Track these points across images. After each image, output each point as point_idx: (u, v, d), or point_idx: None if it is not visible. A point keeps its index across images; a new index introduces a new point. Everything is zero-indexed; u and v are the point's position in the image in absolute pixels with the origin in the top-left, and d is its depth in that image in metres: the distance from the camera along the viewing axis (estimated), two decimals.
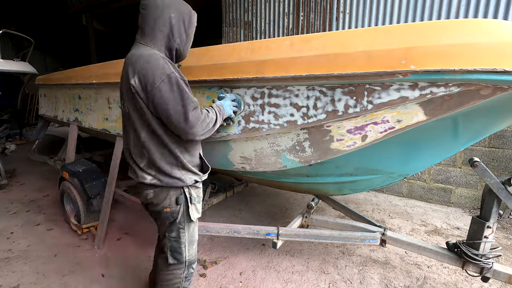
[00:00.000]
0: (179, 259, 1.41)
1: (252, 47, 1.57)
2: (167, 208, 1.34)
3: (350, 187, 1.98)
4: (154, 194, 1.34)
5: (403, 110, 1.30)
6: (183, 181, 1.33)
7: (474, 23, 1.18)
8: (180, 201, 1.34)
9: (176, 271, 1.44)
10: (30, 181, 4.17)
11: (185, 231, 1.40)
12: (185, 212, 1.37)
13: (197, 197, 1.42)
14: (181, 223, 1.37)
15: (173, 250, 1.40)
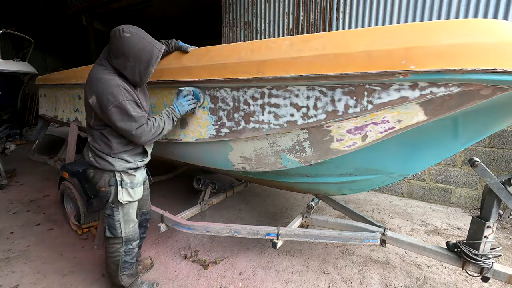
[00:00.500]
0: (115, 234, 1.67)
1: (252, 47, 1.57)
2: (102, 187, 1.62)
3: (350, 187, 1.98)
4: (93, 173, 1.65)
5: (403, 110, 1.30)
6: (114, 166, 1.59)
7: (474, 23, 1.18)
8: (112, 183, 1.60)
9: (114, 245, 1.69)
10: (30, 181, 4.17)
11: (119, 210, 1.64)
12: (115, 194, 1.60)
13: (130, 182, 1.64)
14: (113, 202, 1.63)
15: (109, 225, 1.67)
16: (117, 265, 1.72)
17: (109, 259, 1.73)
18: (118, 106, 1.46)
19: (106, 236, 1.69)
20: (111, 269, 1.76)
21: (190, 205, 2.51)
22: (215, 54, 1.70)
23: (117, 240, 1.69)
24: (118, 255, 1.71)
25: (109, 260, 1.74)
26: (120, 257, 1.71)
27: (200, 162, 2.24)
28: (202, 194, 2.59)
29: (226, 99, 1.74)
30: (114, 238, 1.68)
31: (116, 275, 1.75)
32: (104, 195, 1.63)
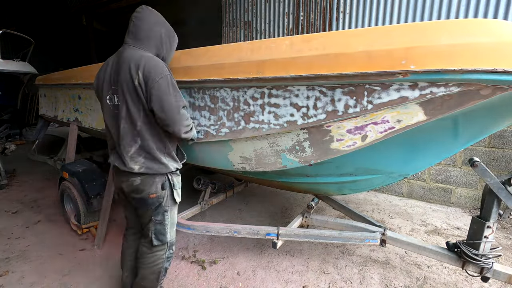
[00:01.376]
0: (163, 240, 1.56)
1: (252, 47, 1.57)
2: (152, 194, 1.47)
3: (350, 187, 1.99)
4: (141, 181, 1.46)
5: (403, 110, 1.30)
6: (167, 167, 1.50)
7: (474, 23, 1.18)
8: (165, 187, 1.51)
9: (159, 252, 1.57)
10: (30, 181, 4.17)
11: (169, 214, 1.57)
12: (169, 196, 1.54)
13: (178, 183, 1.60)
14: (166, 206, 1.54)
15: (157, 232, 1.53)
16: (159, 273, 1.59)
17: (149, 270, 1.57)
18: (166, 78, 1.38)
19: (153, 244, 1.54)
20: (148, 281, 1.59)
21: (190, 205, 2.51)
22: (214, 54, 1.70)
23: (163, 247, 1.57)
24: (161, 262, 1.58)
25: (148, 271, 1.57)
26: (163, 265, 1.59)
27: (200, 162, 2.24)
28: (202, 194, 2.59)
29: (226, 99, 1.74)
30: (161, 245, 1.56)
31: (154, 284, 1.61)
32: (154, 201, 1.49)
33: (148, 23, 1.48)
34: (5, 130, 5.64)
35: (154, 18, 1.50)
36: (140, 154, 1.44)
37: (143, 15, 1.48)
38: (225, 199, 2.86)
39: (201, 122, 1.91)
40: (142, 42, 1.46)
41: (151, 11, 1.51)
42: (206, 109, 1.85)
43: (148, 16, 1.49)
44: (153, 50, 1.49)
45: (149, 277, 1.58)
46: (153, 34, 1.48)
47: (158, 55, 1.51)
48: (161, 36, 1.51)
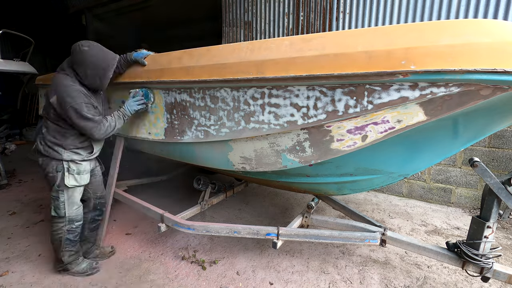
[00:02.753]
0: (59, 213, 1.92)
1: (252, 47, 1.57)
2: (49, 173, 1.89)
3: (350, 187, 1.99)
4: (42, 161, 1.93)
5: (403, 110, 1.30)
6: (62, 156, 1.87)
7: (474, 23, 1.18)
8: (59, 170, 1.88)
9: (58, 224, 1.94)
10: (30, 181, 4.17)
11: (64, 193, 1.90)
12: (62, 178, 1.87)
13: (76, 169, 1.92)
14: (59, 186, 1.88)
15: (54, 206, 1.93)
16: (60, 241, 1.95)
17: (53, 236, 1.97)
18: (75, 107, 1.76)
19: (51, 215, 1.94)
20: (54, 245, 2.00)
21: (190, 205, 2.51)
22: (215, 54, 1.70)
23: (61, 220, 1.93)
24: (61, 233, 1.94)
25: (53, 236, 1.97)
26: (63, 235, 1.94)
27: (200, 162, 2.24)
28: (202, 194, 2.59)
29: (226, 99, 1.74)
30: (58, 217, 1.93)
31: (58, 250, 1.98)
32: (50, 179, 1.89)
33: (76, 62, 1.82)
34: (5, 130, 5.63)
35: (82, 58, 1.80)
36: (44, 140, 1.90)
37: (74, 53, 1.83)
38: (225, 199, 2.86)
39: (201, 122, 1.91)
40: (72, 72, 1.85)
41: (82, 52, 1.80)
42: (206, 109, 1.85)
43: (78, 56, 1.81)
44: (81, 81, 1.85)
45: (54, 242, 1.99)
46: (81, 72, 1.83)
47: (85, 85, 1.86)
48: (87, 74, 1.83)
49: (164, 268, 2.14)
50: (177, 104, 1.99)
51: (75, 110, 1.77)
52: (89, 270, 2.06)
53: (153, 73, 1.98)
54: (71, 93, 1.77)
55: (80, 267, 2.04)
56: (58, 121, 1.85)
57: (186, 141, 2.02)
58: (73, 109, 1.76)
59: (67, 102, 1.76)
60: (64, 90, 1.77)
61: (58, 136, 1.87)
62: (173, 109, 2.04)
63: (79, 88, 1.82)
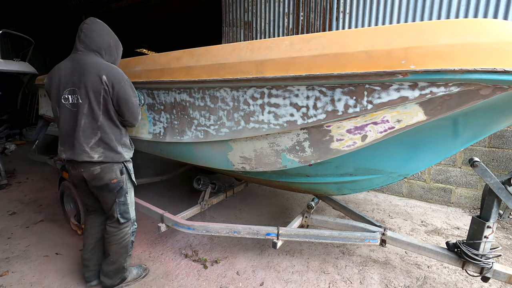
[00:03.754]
0: (128, 217, 1.82)
1: (252, 47, 1.57)
2: (113, 179, 1.70)
3: (350, 187, 1.99)
4: (101, 169, 1.67)
5: (403, 110, 1.30)
6: (123, 156, 1.73)
7: (474, 23, 1.18)
8: (123, 172, 1.75)
9: (125, 229, 1.82)
10: (30, 181, 4.17)
11: (129, 195, 1.82)
12: (127, 180, 1.78)
13: (131, 169, 1.83)
14: (126, 188, 1.78)
15: (122, 212, 1.78)
16: (127, 247, 1.84)
17: (119, 245, 1.80)
18: (128, 83, 1.65)
19: (120, 222, 1.78)
20: (117, 255, 1.81)
21: (190, 205, 2.51)
22: (214, 54, 1.70)
23: (128, 224, 1.83)
24: (128, 237, 1.83)
25: (117, 246, 1.80)
26: (129, 238, 1.85)
27: (200, 162, 2.24)
28: (202, 194, 2.59)
29: (225, 99, 1.74)
30: (126, 222, 1.81)
31: (122, 259, 1.83)
32: (116, 185, 1.72)
33: (98, 34, 1.69)
34: (5, 130, 5.64)
35: (103, 29, 1.72)
36: (100, 145, 1.64)
37: (92, 26, 1.69)
38: (225, 199, 2.86)
39: (201, 122, 1.91)
40: (95, 51, 1.67)
41: (99, 23, 1.72)
42: (206, 109, 1.85)
43: (98, 28, 1.70)
44: (106, 58, 1.71)
45: (119, 251, 1.82)
46: (104, 44, 1.70)
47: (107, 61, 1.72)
48: (110, 46, 1.73)
49: (164, 268, 2.14)
50: (177, 104, 1.99)
51: (130, 85, 1.65)
52: (143, 272, 2.01)
53: (153, 73, 1.98)
54: (119, 71, 1.64)
55: (133, 273, 1.95)
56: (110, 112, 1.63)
57: (186, 141, 2.02)
58: (128, 84, 1.63)
59: (121, 78, 1.61)
60: (113, 68, 1.62)
61: (116, 133, 1.68)
62: (172, 109, 2.04)
63: None
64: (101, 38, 1.69)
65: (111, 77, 1.58)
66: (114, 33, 1.79)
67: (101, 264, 1.87)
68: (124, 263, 1.85)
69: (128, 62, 2.24)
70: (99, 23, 1.72)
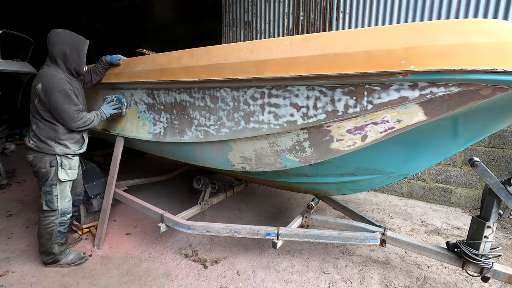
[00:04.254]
0: (51, 207, 2.01)
1: (252, 47, 1.57)
2: (42, 168, 1.96)
3: (350, 187, 1.99)
4: (33, 157, 1.96)
5: (403, 110, 1.30)
6: (54, 150, 1.94)
7: (474, 23, 1.18)
8: (53, 165, 1.96)
9: (50, 217, 2.03)
10: (30, 181, 4.17)
11: (57, 187, 2.00)
12: (56, 173, 1.97)
13: (68, 164, 2.03)
14: (54, 180, 1.98)
15: (47, 200, 2.00)
16: (51, 234, 2.05)
17: (43, 230, 2.05)
18: (61, 92, 1.86)
19: (43, 209, 2.02)
20: (44, 239, 2.06)
21: (190, 205, 2.51)
22: (214, 54, 1.70)
23: (53, 213, 2.03)
24: (53, 226, 2.04)
25: (43, 231, 2.05)
26: (55, 228, 2.05)
27: (200, 162, 2.24)
28: (202, 194, 2.59)
29: (226, 99, 1.74)
30: (50, 211, 2.02)
31: (48, 243, 2.06)
32: (44, 175, 1.97)
33: (53, 45, 1.92)
34: (5, 130, 5.63)
35: (58, 40, 1.92)
36: (35, 136, 1.94)
37: (50, 39, 1.92)
38: (225, 199, 2.86)
39: (201, 122, 1.91)
40: (53, 61, 1.95)
41: (56, 33, 1.93)
42: (206, 109, 1.85)
43: (53, 39, 1.92)
44: (68, 65, 1.96)
45: (44, 236, 2.05)
46: (58, 53, 1.92)
47: (69, 70, 1.99)
48: (66, 54, 1.93)
49: (164, 268, 2.14)
50: (177, 104, 1.99)
51: (61, 94, 1.86)
52: (78, 260, 2.16)
53: (153, 73, 1.98)
54: (56, 80, 1.87)
55: (68, 258, 2.14)
56: (45, 113, 1.91)
57: (186, 141, 2.02)
58: (59, 93, 1.85)
59: (53, 88, 1.84)
60: (49, 78, 1.87)
61: (48, 130, 1.93)
62: (173, 109, 2.04)
63: (62, 76, 1.93)
64: (55, 48, 1.92)
65: (44, 87, 1.85)
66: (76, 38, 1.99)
67: None
68: (51, 249, 2.07)
69: (128, 62, 2.25)
70: (56, 33, 1.93)
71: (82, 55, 2.00)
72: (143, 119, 2.27)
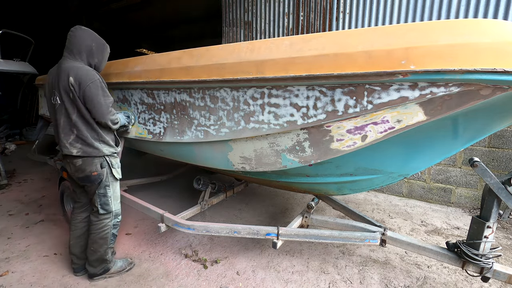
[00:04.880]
0: (107, 209, 1.93)
1: (252, 47, 1.57)
2: (94, 172, 1.84)
3: (350, 187, 1.99)
4: (82, 162, 1.82)
5: (403, 110, 1.30)
6: (101, 151, 1.85)
7: (474, 23, 1.18)
8: (104, 166, 1.87)
9: (105, 220, 1.94)
10: (30, 181, 4.17)
11: (111, 188, 1.93)
12: (109, 173, 1.90)
13: (116, 163, 1.96)
14: (107, 182, 1.90)
15: (102, 203, 1.91)
16: (106, 238, 1.95)
17: (97, 235, 1.93)
18: (95, 83, 1.75)
19: (99, 213, 1.91)
20: (97, 245, 1.93)
21: (190, 205, 2.51)
22: (214, 54, 1.70)
23: (108, 215, 1.94)
24: (108, 228, 1.94)
25: (96, 236, 1.93)
26: (109, 231, 1.95)
27: (200, 162, 2.24)
28: (202, 194, 2.59)
29: (225, 99, 1.74)
30: (106, 214, 1.93)
31: (102, 250, 1.94)
32: (96, 177, 1.86)
33: (79, 39, 1.83)
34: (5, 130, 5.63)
35: (85, 35, 1.86)
36: (77, 141, 1.80)
37: (75, 33, 1.84)
38: (225, 199, 2.86)
39: (201, 122, 1.91)
40: (76, 55, 1.83)
41: (83, 30, 1.87)
42: (206, 109, 1.85)
43: (80, 34, 1.85)
44: (86, 61, 1.86)
45: (99, 242, 1.94)
46: (84, 47, 1.84)
47: (90, 65, 1.88)
48: (92, 49, 1.86)
49: (164, 268, 2.14)
50: (177, 104, 1.99)
51: (95, 85, 1.75)
52: (127, 266, 2.10)
53: (153, 73, 1.98)
54: (86, 72, 1.76)
55: (117, 265, 2.05)
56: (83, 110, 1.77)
57: (186, 141, 2.02)
58: (93, 84, 1.74)
59: (88, 79, 1.73)
60: (80, 71, 1.75)
61: (90, 131, 1.81)
62: (172, 109, 2.04)
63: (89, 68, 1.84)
64: (81, 42, 1.83)
65: (78, 78, 1.72)
66: (101, 38, 1.94)
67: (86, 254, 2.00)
68: (105, 255, 1.96)
69: (128, 62, 2.25)
70: (82, 29, 1.86)
71: (106, 54, 1.97)
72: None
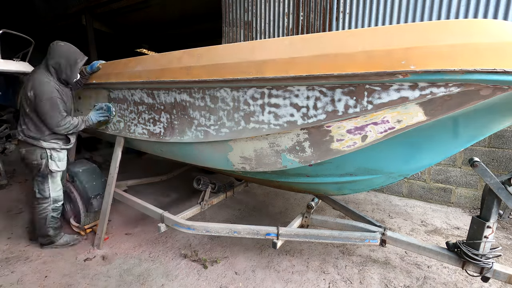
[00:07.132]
0: (44, 195, 2.25)
1: (252, 47, 1.57)
2: (34, 161, 2.18)
3: (350, 187, 1.98)
4: (25, 151, 2.18)
5: (403, 111, 1.30)
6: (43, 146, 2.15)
7: (474, 23, 1.18)
8: (44, 157, 2.18)
9: (43, 204, 2.27)
10: (30, 181, 4.16)
11: (48, 177, 2.23)
12: (48, 164, 2.19)
13: (56, 157, 2.24)
14: (45, 171, 2.20)
15: (39, 188, 2.24)
16: (45, 219, 2.27)
17: (38, 215, 2.28)
18: (50, 100, 2.06)
19: (36, 197, 2.25)
20: (39, 224, 2.30)
21: (190, 205, 2.51)
22: (215, 54, 1.70)
23: (46, 200, 2.26)
24: (47, 211, 2.28)
25: (37, 216, 2.28)
26: (48, 213, 2.28)
27: (200, 162, 2.24)
28: (202, 194, 2.59)
29: (226, 99, 1.74)
30: (43, 198, 2.26)
31: (44, 227, 2.29)
32: (35, 166, 2.18)
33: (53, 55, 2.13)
34: (5, 130, 5.62)
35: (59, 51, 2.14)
36: (25, 133, 2.16)
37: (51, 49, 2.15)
38: (225, 199, 2.86)
39: (201, 122, 1.91)
40: (48, 66, 2.15)
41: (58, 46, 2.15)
42: (206, 109, 1.85)
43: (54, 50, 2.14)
44: (55, 76, 2.16)
45: (39, 221, 2.29)
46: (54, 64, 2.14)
47: (59, 79, 2.18)
48: (61, 65, 2.14)
49: (164, 268, 2.14)
50: (177, 104, 1.99)
51: (49, 102, 2.06)
52: (72, 241, 2.42)
53: (153, 73, 1.98)
54: (46, 88, 2.06)
55: (63, 239, 2.39)
56: (33, 115, 2.11)
57: (186, 141, 2.02)
58: (48, 101, 2.05)
59: (43, 95, 2.04)
60: (41, 86, 2.06)
61: (35, 130, 2.14)
62: (173, 109, 2.04)
63: (53, 84, 2.12)
64: (54, 58, 2.12)
65: (35, 92, 2.05)
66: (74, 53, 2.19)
67: None
68: (47, 232, 2.30)
69: (128, 62, 2.24)
70: (57, 45, 2.15)
71: (75, 69, 2.20)
72: None
